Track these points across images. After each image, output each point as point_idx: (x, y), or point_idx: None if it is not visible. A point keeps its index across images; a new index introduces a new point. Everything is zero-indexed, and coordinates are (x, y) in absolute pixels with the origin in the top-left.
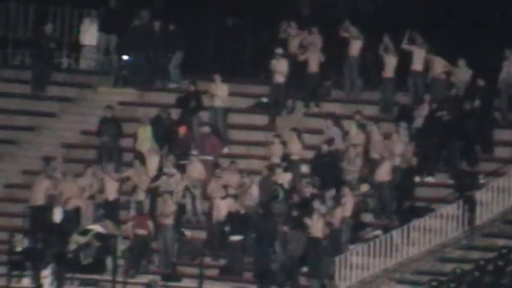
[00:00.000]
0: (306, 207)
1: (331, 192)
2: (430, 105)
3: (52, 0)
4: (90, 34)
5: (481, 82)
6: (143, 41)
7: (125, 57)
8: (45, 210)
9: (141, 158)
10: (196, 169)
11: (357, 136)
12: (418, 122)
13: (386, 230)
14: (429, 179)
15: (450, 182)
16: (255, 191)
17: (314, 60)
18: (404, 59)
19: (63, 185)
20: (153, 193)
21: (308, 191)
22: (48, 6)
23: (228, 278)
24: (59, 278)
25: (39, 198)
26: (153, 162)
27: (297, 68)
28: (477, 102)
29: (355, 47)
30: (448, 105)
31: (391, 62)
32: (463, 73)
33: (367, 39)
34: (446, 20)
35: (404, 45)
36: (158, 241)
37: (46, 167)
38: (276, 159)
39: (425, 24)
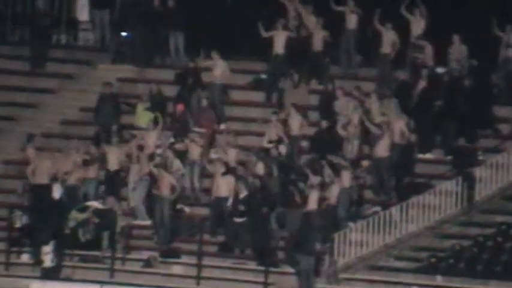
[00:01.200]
0: (300, 183)
1: (328, 169)
2: (427, 81)
3: None
4: (86, 10)
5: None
6: (142, 17)
7: (123, 34)
8: (46, 189)
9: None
10: (194, 147)
11: (355, 112)
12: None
13: (385, 206)
14: (428, 156)
15: (448, 158)
16: (260, 169)
17: (318, 38)
18: (403, 34)
19: (61, 161)
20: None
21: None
22: None
23: (227, 254)
24: (59, 254)
25: (43, 177)
26: (150, 138)
27: (299, 45)
28: (474, 79)
29: (352, 21)
30: (443, 82)
31: (388, 38)
32: (458, 49)
33: (364, 14)
34: None
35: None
36: (155, 215)
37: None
38: (273, 136)
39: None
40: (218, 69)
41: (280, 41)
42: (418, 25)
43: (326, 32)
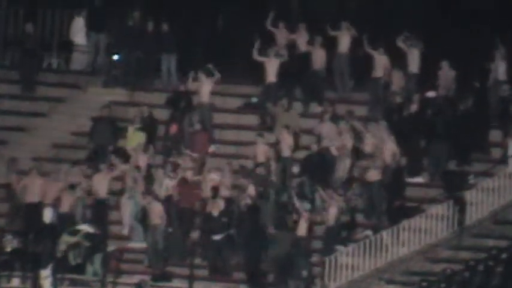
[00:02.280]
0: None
1: (320, 192)
2: (418, 105)
3: (41, 0)
4: (81, 34)
5: (475, 83)
6: (135, 41)
7: (115, 57)
8: (36, 209)
9: (127, 156)
10: (186, 169)
11: (347, 136)
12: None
13: (376, 230)
14: (418, 179)
15: (439, 182)
16: (252, 191)
17: (318, 57)
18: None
19: (50, 185)
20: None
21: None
22: (37, 6)
23: (219, 278)
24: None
25: (33, 196)
26: (141, 161)
27: (299, 64)
28: (470, 103)
29: (345, 44)
30: (436, 106)
31: (380, 61)
32: (446, 74)
33: (357, 37)
34: (433, 19)
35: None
36: (147, 241)
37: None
38: (261, 159)
39: (413, 23)
40: (205, 87)
41: (272, 69)
42: (413, 56)
43: (324, 50)
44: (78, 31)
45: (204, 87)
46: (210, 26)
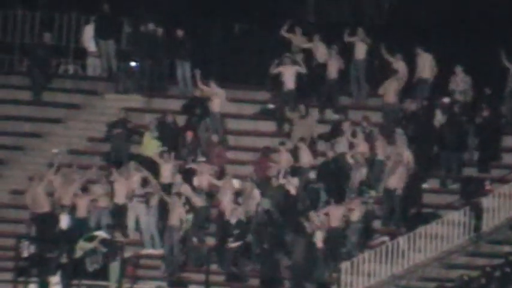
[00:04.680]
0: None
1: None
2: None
3: (58, 6)
4: (92, 40)
5: (487, 90)
6: (148, 47)
7: (133, 64)
8: (52, 216)
9: (149, 163)
10: (203, 177)
11: (362, 143)
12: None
13: (393, 236)
14: (435, 185)
15: (456, 188)
16: (256, 195)
17: (334, 66)
18: (412, 65)
19: (63, 191)
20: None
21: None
22: (54, 12)
23: (235, 285)
24: (67, 285)
25: (44, 205)
26: (166, 167)
27: (314, 72)
28: (485, 110)
29: (361, 51)
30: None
31: (398, 68)
32: (461, 80)
33: (373, 44)
34: (449, 26)
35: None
36: (164, 244)
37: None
38: (284, 166)
39: (429, 29)
40: (216, 98)
41: (289, 76)
42: (426, 61)
43: (341, 59)
44: (90, 38)
45: (216, 97)
46: (227, 33)
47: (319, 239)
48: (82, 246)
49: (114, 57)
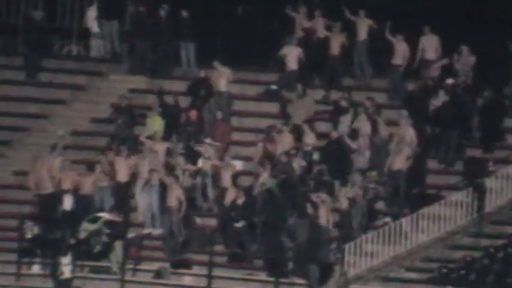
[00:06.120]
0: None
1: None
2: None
3: None
4: (95, 22)
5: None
6: (149, 28)
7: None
8: (55, 197)
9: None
10: (207, 157)
11: (364, 125)
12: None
13: (396, 217)
14: (438, 166)
15: (459, 169)
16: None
17: (336, 42)
18: (415, 46)
19: (66, 172)
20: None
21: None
22: None
23: (238, 265)
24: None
25: (47, 186)
26: (160, 148)
27: (318, 50)
28: (488, 91)
29: (363, 32)
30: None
31: (400, 49)
32: (466, 60)
33: (376, 24)
34: (453, 7)
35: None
36: (164, 225)
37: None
38: (286, 147)
39: (432, 10)
40: (222, 78)
41: (293, 57)
42: (431, 43)
43: (343, 35)
44: (93, 19)
45: (221, 77)
46: (230, 14)
47: (323, 217)
48: (86, 228)
49: (116, 38)
